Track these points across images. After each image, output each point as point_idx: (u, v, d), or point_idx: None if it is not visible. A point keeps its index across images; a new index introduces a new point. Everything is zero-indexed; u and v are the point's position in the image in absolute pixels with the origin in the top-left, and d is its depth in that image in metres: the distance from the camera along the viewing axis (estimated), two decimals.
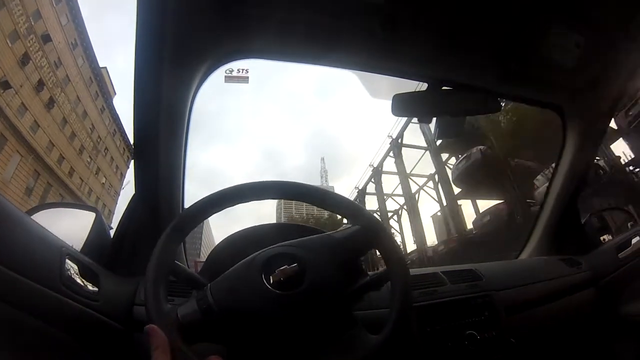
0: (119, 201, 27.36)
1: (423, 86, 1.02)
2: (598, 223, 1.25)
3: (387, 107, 1.00)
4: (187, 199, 0.96)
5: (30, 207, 0.82)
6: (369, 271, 0.69)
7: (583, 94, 1.08)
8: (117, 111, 26.73)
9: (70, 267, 0.64)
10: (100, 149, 25.17)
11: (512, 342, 0.87)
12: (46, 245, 0.62)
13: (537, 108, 1.18)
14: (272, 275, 0.59)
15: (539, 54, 0.95)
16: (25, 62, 17.13)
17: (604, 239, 1.23)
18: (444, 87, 1.00)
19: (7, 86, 15.80)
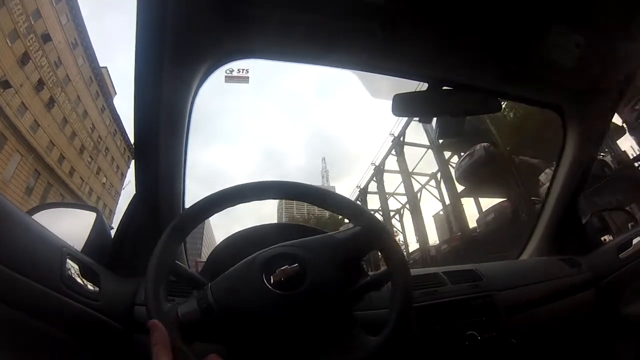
0: (119, 201, 27.43)
1: (423, 86, 1.02)
2: (599, 223, 1.25)
3: (388, 106, 1.00)
4: (187, 199, 0.96)
5: (30, 207, 0.82)
6: (371, 271, 0.69)
7: (583, 94, 1.09)
8: (118, 111, 26.82)
9: (71, 267, 0.64)
10: (100, 148, 25.16)
11: (513, 342, 0.87)
12: (47, 245, 0.62)
13: None
14: (273, 275, 0.59)
15: (539, 54, 0.94)
16: (25, 62, 17.12)
17: (604, 239, 1.23)
18: (444, 87, 1.00)
19: (7, 85, 15.80)
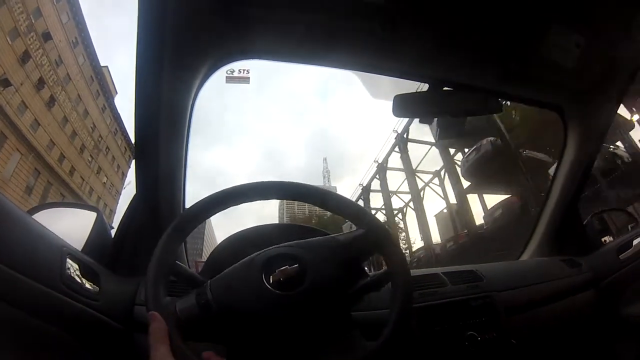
0: (120, 201, 27.41)
1: (424, 86, 1.02)
2: (599, 224, 1.25)
3: (389, 106, 1.00)
4: (188, 199, 0.96)
5: (30, 206, 0.82)
6: (372, 271, 0.69)
7: (583, 94, 1.08)
8: (119, 110, 26.80)
9: (71, 267, 0.64)
10: (101, 148, 25.14)
11: (513, 343, 0.87)
12: (47, 244, 0.62)
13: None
14: (272, 275, 0.59)
15: (539, 54, 0.95)
16: (26, 60, 17.12)
17: (605, 240, 1.23)
18: (444, 88, 1.00)
19: (7, 84, 15.79)
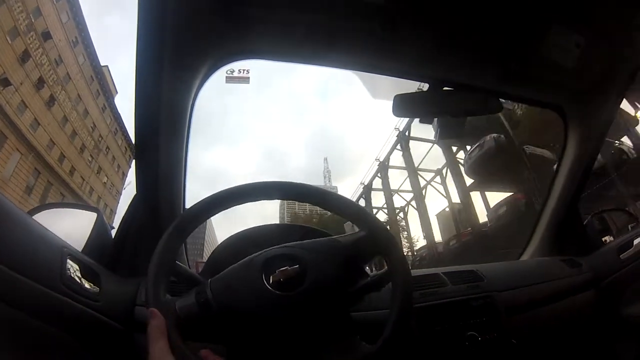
0: (120, 201, 27.35)
1: (424, 86, 1.02)
2: (599, 224, 1.25)
3: (390, 106, 1.00)
4: (189, 199, 0.95)
5: (30, 206, 0.82)
6: (373, 270, 0.69)
7: (583, 94, 1.08)
8: (119, 110, 26.75)
9: (71, 267, 0.64)
10: (101, 147, 25.10)
11: (514, 343, 0.87)
12: (47, 245, 0.62)
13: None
14: (272, 276, 0.59)
15: (539, 54, 0.95)
16: (26, 60, 17.09)
17: (605, 240, 1.22)
18: (444, 88, 1.00)
19: (7, 83, 15.78)
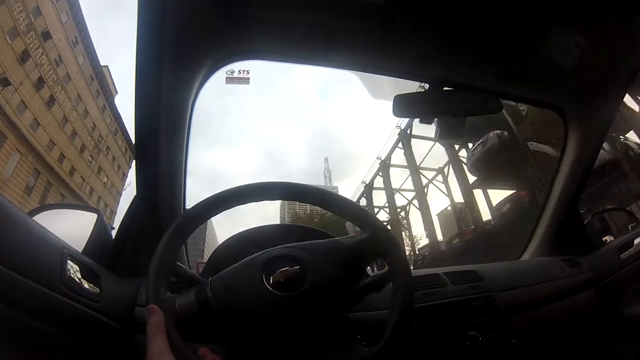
0: (121, 201, 27.31)
1: (424, 86, 1.02)
2: (600, 224, 1.25)
3: (390, 106, 1.00)
4: (189, 199, 0.95)
5: (30, 206, 0.82)
6: (374, 270, 0.69)
7: (583, 94, 1.08)
8: (119, 110, 26.72)
9: (72, 268, 0.64)
10: (101, 148, 25.07)
11: (514, 343, 0.87)
12: (47, 246, 0.62)
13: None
14: (273, 276, 0.59)
15: (539, 54, 0.94)
16: (25, 59, 17.07)
17: (605, 239, 1.22)
18: (444, 88, 1.00)
19: (6, 83, 15.76)
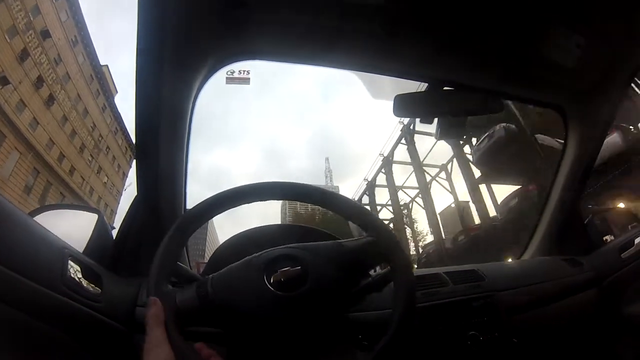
0: (121, 201, 27.25)
1: (425, 86, 1.02)
2: (600, 223, 1.25)
3: (391, 106, 1.00)
4: (190, 200, 0.95)
5: (29, 206, 0.82)
6: (376, 270, 0.68)
7: (584, 94, 1.08)
8: (119, 110, 26.67)
9: (73, 268, 0.63)
10: (101, 147, 25.01)
11: (515, 342, 0.87)
12: (48, 246, 0.62)
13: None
14: (274, 275, 0.59)
15: (539, 54, 0.95)
16: (24, 58, 17.03)
17: (606, 239, 1.22)
18: (445, 88, 1.00)
19: (5, 82, 15.71)
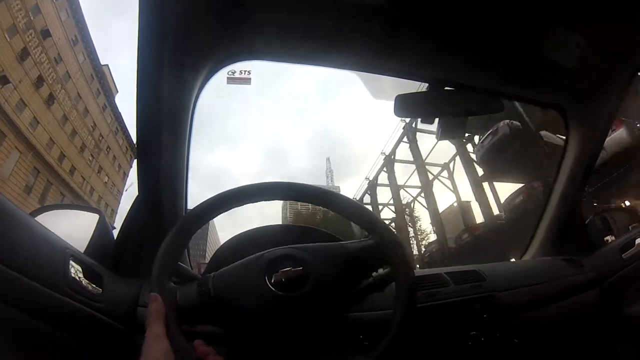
0: (122, 201, 27.20)
1: (425, 86, 1.02)
2: (601, 224, 1.25)
3: (391, 105, 1.00)
4: (192, 200, 0.95)
5: (29, 206, 0.82)
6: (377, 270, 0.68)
7: (584, 94, 1.08)
8: (120, 109, 26.59)
9: (74, 268, 0.63)
10: (102, 147, 24.96)
11: (516, 342, 0.87)
12: (49, 246, 0.62)
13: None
14: (275, 276, 0.59)
15: (539, 54, 0.94)
16: (24, 58, 17.00)
17: (607, 239, 1.22)
18: (445, 88, 1.00)
19: (5, 81, 15.69)
